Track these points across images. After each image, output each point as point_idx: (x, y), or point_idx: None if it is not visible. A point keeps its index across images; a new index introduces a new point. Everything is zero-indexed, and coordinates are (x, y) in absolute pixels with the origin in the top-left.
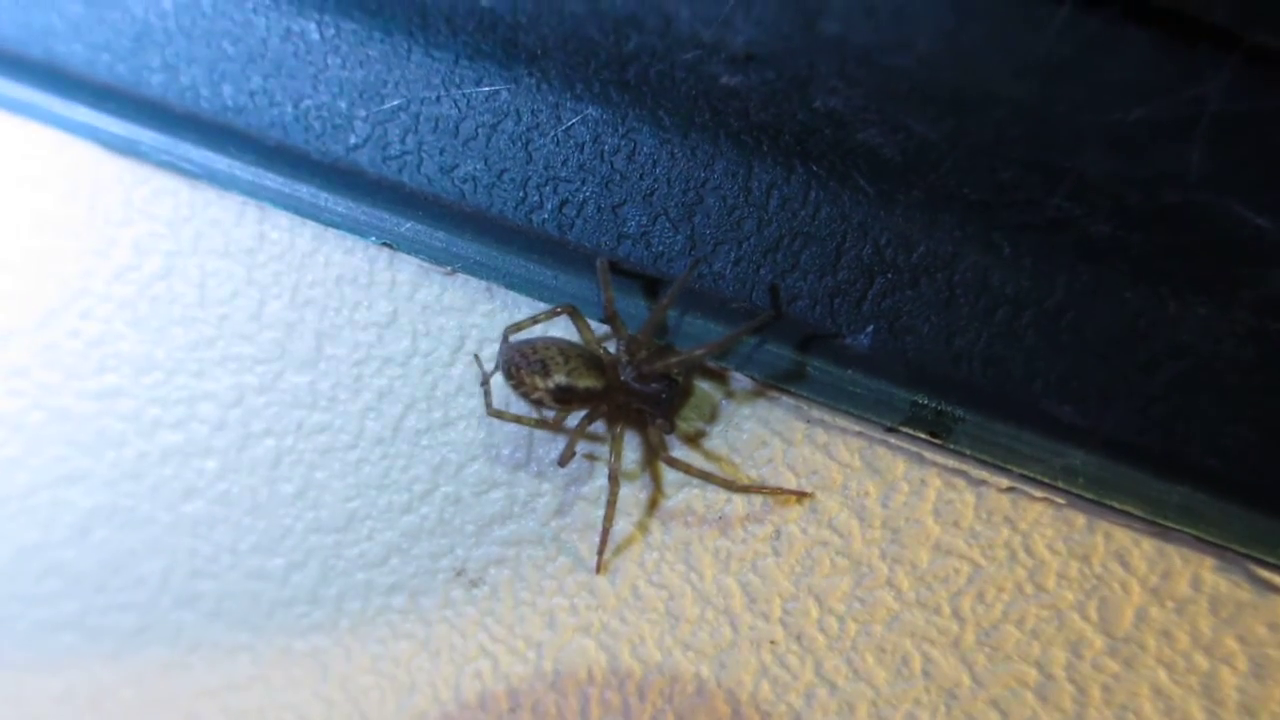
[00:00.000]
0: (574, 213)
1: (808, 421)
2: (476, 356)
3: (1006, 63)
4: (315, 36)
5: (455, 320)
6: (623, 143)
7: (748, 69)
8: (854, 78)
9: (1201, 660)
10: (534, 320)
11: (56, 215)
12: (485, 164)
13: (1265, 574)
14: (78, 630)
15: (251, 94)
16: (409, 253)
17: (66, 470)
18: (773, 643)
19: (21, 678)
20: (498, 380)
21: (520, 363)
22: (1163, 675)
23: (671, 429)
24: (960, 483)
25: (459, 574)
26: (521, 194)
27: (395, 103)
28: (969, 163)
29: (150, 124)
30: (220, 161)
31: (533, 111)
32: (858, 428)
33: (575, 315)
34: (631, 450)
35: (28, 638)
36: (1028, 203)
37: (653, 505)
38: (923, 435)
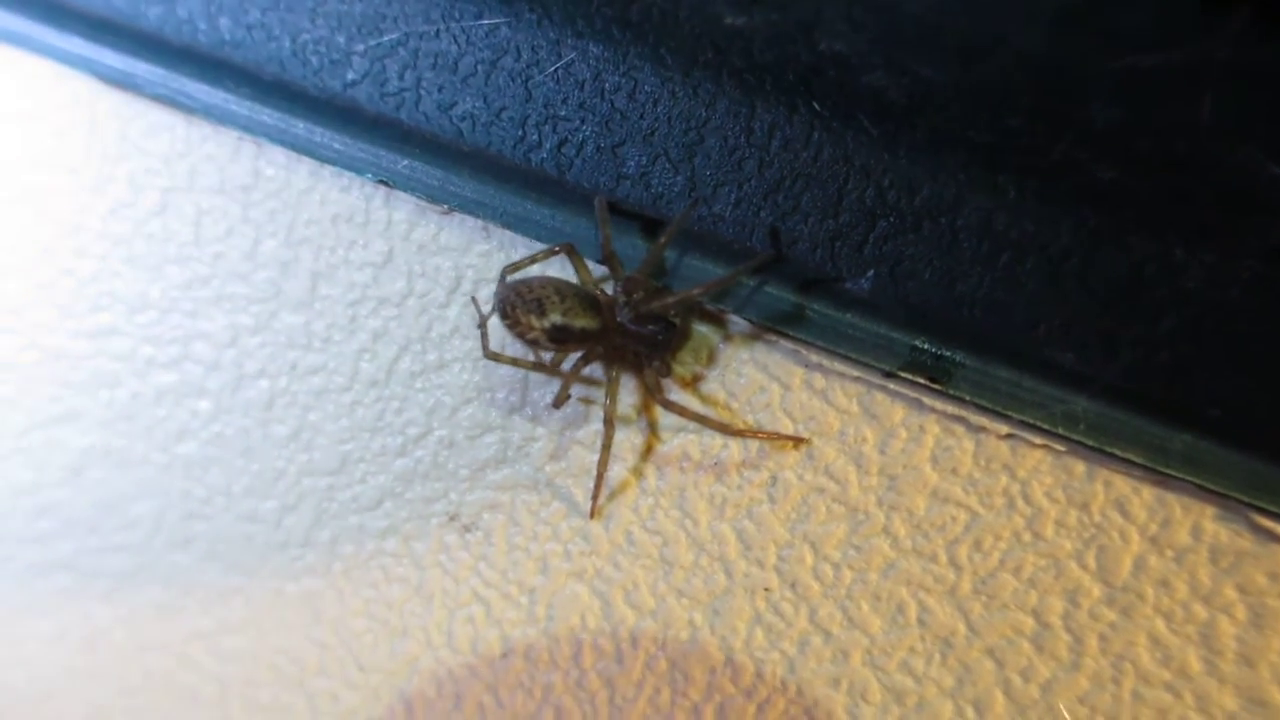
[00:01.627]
0: (573, 152)
1: (806, 366)
2: (474, 299)
3: (1016, 8)
4: None
5: (451, 260)
6: (623, 81)
7: (752, 10)
8: (860, 22)
9: (1200, 610)
10: (532, 259)
11: (52, 150)
12: (484, 101)
13: (1266, 523)
14: (71, 571)
15: (249, 28)
16: (406, 190)
17: (60, 410)
18: (767, 590)
19: (14, 618)
20: (495, 322)
21: (516, 302)
22: (1160, 625)
23: (668, 372)
24: (959, 429)
25: (452, 518)
26: (520, 132)
27: (393, 37)
28: (975, 107)
29: (147, 57)
30: (217, 96)
31: (533, 48)
32: (856, 373)
33: (573, 254)
34: (627, 394)
35: (21, 578)
36: (1034, 147)
37: (648, 450)
38: (922, 380)
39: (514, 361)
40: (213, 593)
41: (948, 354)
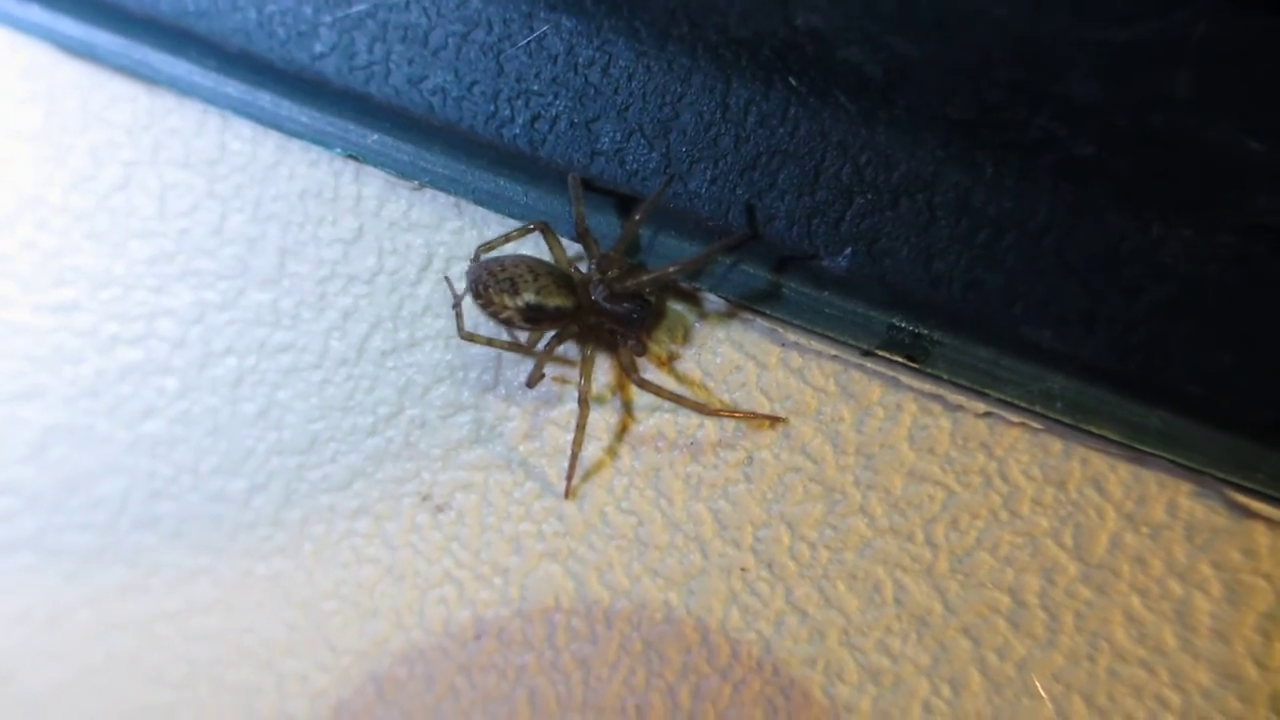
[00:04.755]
0: (546, 127)
1: (783, 345)
2: (448, 278)
3: None
4: None
5: (423, 237)
6: (597, 55)
7: None
8: None
9: (1175, 586)
10: (506, 238)
11: (10, 121)
12: (455, 75)
13: (1241, 499)
14: (35, 550)
15: None
16: (375, 166)
17: (22, 386)
18: (743, 570)
19: None
20: (468, 301)
21: (489, 281)
22: (1136, 601)
23: (643, 351)
24: (936, 408)
25: (425, 499)
26: (492, 107)
27: (362, 9)
28: (952, 82)
29: (108, 26)
30: (181, 67)
31: (505, 21)
32: (833, 351)
33: (547, 232)
34: (602, 373)
35: None
36: (1012, 123)
37: (623, 430)
38: (899, 359)
39: (489, 342)
40: (180, 573)
41: (925, 332)
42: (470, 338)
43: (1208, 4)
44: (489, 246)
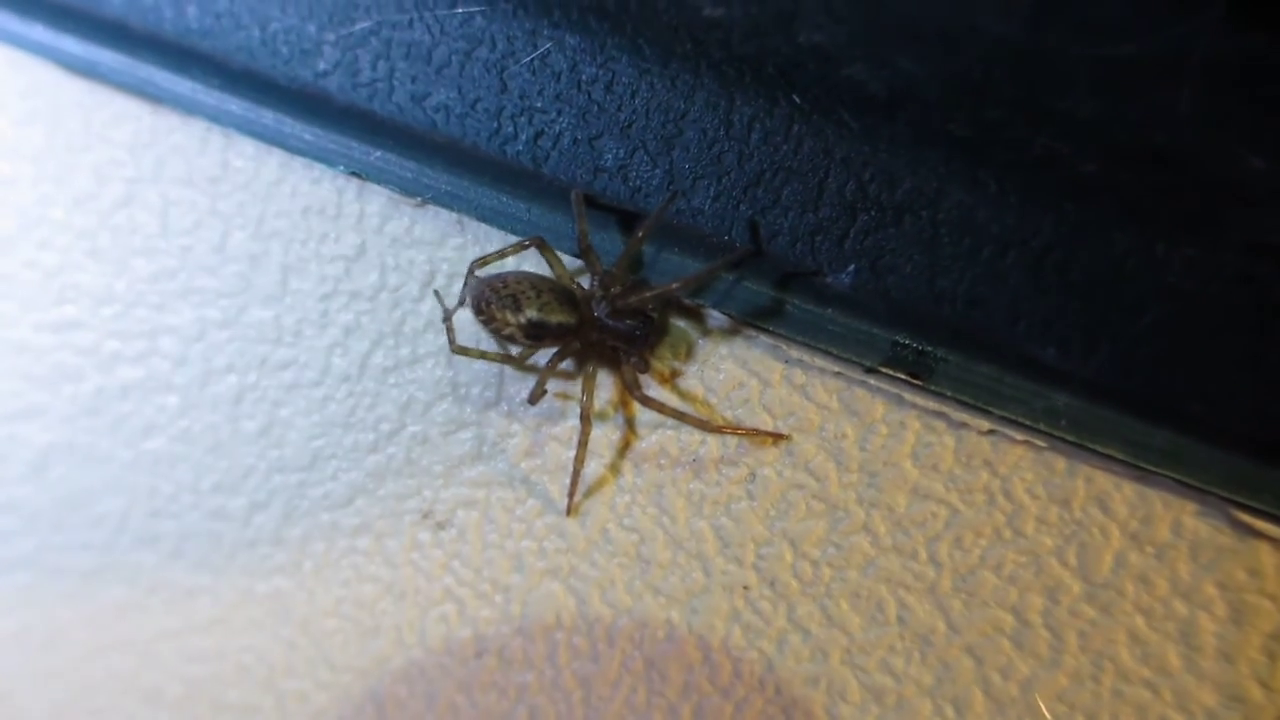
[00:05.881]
0: (549, 144)
1: (786, 362)
2: (437, 293)
3: None
4: None
5: (425, 254)
6: (601, 72)
7: (731, 1)
8: (839, 13)
9: (1180, 606)
10: (501, 254)
11: (13, 139)
12: (458, 92)
13: (1247, 518)
14: (34, 569)
15: (217, 15)
16: (378, 183)
17: (22, 405)
18: (746, 588)
19: None
20: (466, 316)
21: (491, 298)
22: (1140, 621)
23: (646, 367)
24: (940, 425)
25: (426, 516)
26: (495, 124)
27: (366, 26)
28: (956, 99)
29: (111, 44)
30: (184, 85)
31: (508, 38)
32: (837, 368)
33: (544, 248)
34: (604, 390)
35: None
36: (1015, 140)
37: (625, 446)
38: (903, 376)
39: (483, 355)
40: (179, 592)
41: (929, 349)
42: (463, 352)
43: (1209, 20)
44: (484, 262)
